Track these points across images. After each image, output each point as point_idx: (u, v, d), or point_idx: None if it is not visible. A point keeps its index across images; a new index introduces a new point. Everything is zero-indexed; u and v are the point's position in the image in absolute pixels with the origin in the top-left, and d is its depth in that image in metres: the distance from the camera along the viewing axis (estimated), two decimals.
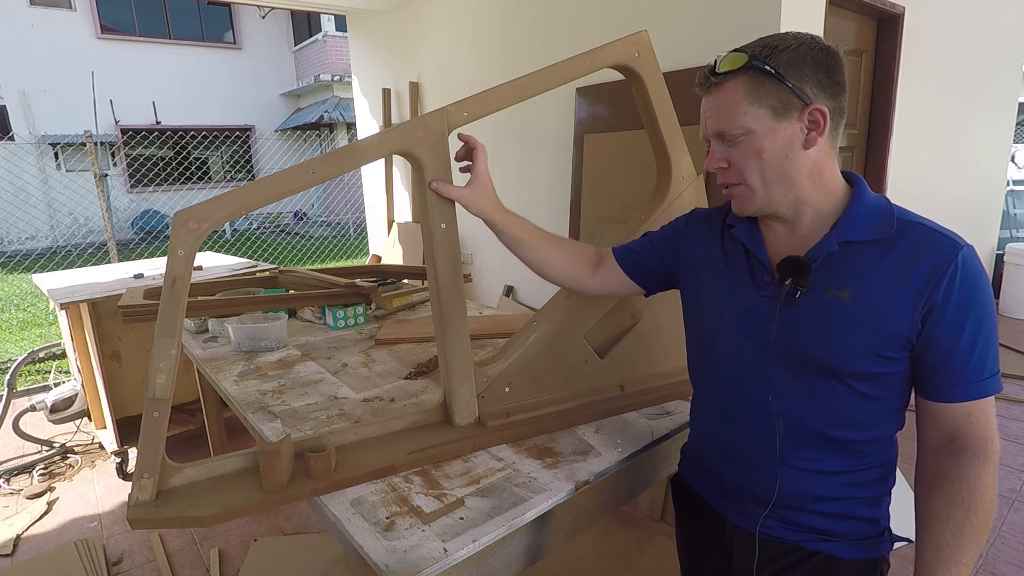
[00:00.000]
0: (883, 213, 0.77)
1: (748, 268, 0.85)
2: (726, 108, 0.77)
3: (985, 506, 0.74)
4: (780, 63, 0.75)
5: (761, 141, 0.76)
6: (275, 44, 13.63)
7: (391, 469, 0.99)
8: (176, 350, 0.86)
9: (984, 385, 0.73)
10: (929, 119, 3.47)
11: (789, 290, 0.78)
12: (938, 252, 0.72)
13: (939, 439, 0.77)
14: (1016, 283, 4.50)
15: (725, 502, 0.91)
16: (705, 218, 0.98)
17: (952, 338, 0.72)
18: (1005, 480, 2.37)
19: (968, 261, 0.72)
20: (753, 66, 0.75)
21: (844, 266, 0.76)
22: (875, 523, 0.83)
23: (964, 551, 0.73)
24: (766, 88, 0.75)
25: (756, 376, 0.83)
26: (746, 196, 0.80)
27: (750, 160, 0.77)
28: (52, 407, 2.77)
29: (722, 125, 0.78)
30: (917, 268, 0.72)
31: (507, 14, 3.46)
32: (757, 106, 0.75)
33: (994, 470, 0.75)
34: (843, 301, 0.75)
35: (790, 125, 0.75)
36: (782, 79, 0.74)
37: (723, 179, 0.82)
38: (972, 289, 0.71)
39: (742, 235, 0.86)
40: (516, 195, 3.66)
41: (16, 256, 9.12)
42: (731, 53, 0.78)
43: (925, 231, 0.75)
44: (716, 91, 0.78)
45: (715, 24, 2.38)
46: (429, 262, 1.04)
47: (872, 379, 0.76)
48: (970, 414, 0.74)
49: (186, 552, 2.09)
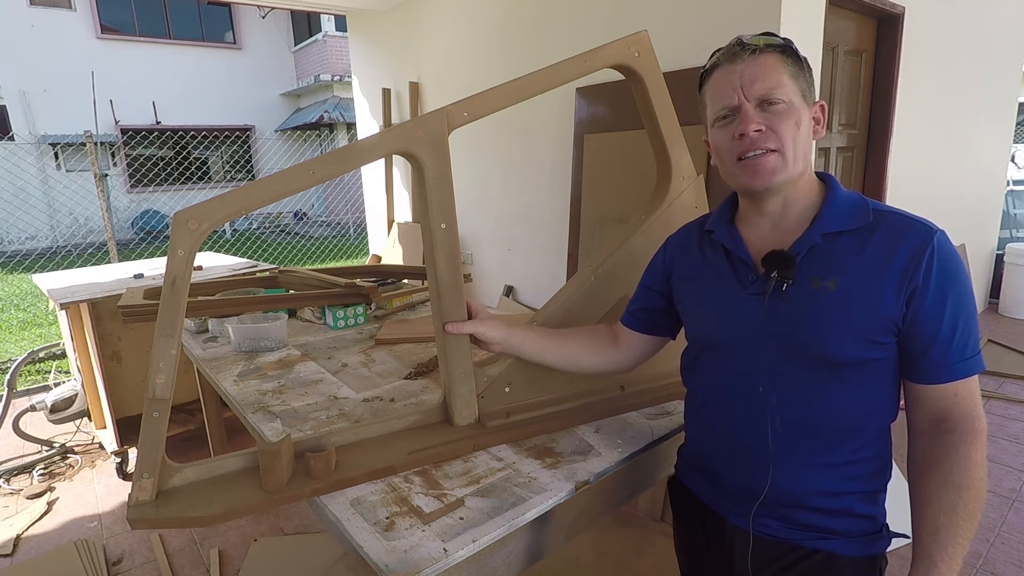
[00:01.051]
0: (858, 204, 0.81)
1: (732, 270, 0.87)
2: (771, 75, 0.78)
3: (976, 484, 0.75)
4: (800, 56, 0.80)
5: (799, 113, 0.79)
6: (275, 44, 13.63)
7: (391, 469, 0.99)
8: (176, 350, 0.86)
9: (968, 364, 0.76)
10: (929, 119, 3.47)
11: (775, 284, 0.80)
12: (915, 237, 0.75)
13: (928, 422, 0.79)
14: (1016, 283, 4.50)
15: (724, 503, 0.91)
16: (679, 237, 1.01)
17: (935, 319, 0.75)
18: (1005, 480, 2.37)
19: (942, 244, 0.75)
20: (790, 48, 0.80)
21: (827, 257, 0.79)
22: (873, 520, 0.84)
23: (959, 530, 0.75)
24: (800, 70, 0.80)
25: (750, 373, 0.84)
26: (778, 164, 0.79)
27: (790, 128, 0.78)
28: (52, 407, 2.77)
29: (769, 90, 0.78)
30: (897, 253, 0.75)
31: (507, 14, 3.46)
32: (795, 82, 0.79)
33: (982, 448, 0.76)
34: (830, 290, 0.77)
35: (808, 111, 0.81)
36: (806, 69, 0.81)
37: (758, 144, 0.79)
38: (949, 270, 0.74)
39: (722, 238, 0.88)
40: (516, 195, 3.66)
41: (16, 256, 9.13)
42: (761, 34, 0.81)
43: (900, 219, 0.78)
44: (758, 57, 0.79)
45: (715, 24, 2.38)
46: (429, 262, 1.04)
47: (863, 366, 0.78)
48: (956, 394, 0.77)
49: (186, 552, 2.09)
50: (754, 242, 0.86)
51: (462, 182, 3.83)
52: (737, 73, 0.79)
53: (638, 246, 1.20)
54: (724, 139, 0.82)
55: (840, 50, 2.82)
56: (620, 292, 1.21)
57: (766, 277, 0.81)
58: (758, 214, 0.85)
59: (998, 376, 3.40)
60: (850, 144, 3.08)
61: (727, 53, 0.81)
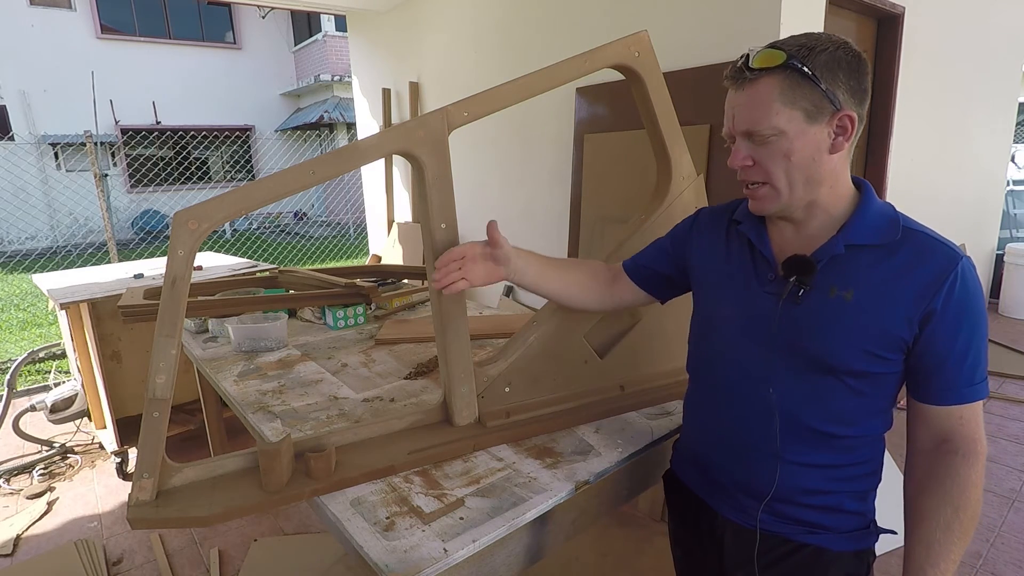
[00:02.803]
0: (889, 219, 0.79)
1: (752, 264, 0.87)
2: (758, 107, 0.75)
3: (973, 505, 0.77)
4: (817, 65, 0.73)
5: (791, 143, 0.75)
6: (275, 44, 13.63)
7: (391, 469, 0.99)
8: (176, 350, 0.86)
9: (975, 390, 0.76)
10: (929, 119, 3.47)
11: (793, 287, 0.79)
12: (939, 261, 0.74)
13: (931, 441, 0.80)
14: (1016, 283, 4.51)
15: (717, 496, 0.92)
16: (711, 216, 0.99)
17: (948, 344, 0.75)
18: (1005, 480, 2.37)
19: (967, 272, 0.74)
20: (790, 65, 0.74)
21: (848, 268, 0.78)
22: (862, 516, 0.86)
23: (952, 547, 0.77)
24: (801, 90, 0.74)
25: (757, 370, 0.84)
26: (769, 197, 0.80)
27: (778, 161, 0.77)
28: (52, 407, 2.77)
29: (752, 124, 0.76)
30: (918, 274, 0.74)
31: (507, 14, 3.46)
32: (790, 107, 0.74)
33: (981, 470, 0.78)
34: (846, 301, 0.77)
35: (820, 129, 0.75)
36: (817, 82, 0.73)
37: (746, 177, 0.81)
38: (969, 299, 0.74)
39: (749, 232, 0.87)
40: (516, 195, 3.66)
41: (16, 256, 9.12)
42: (767, 49, 0.76)
43: (927, 240, 0.77)
44: (749, 87, 0.76)
45: (715, 24, 2.38)
46: (429, 262, 1.04)
47: (866, 377, 0.78)
48: (961, 417, 0.77)
49: (186, 552, 2.09)
50: (778, 241, 0.85)
51: (462, 182, 3.82)
52: (732, 103, 0.79)
53: (638, 246, 1.20)
54: None
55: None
56: None
57: (784, 280, 0.80)
58: (781, 219, 0.85)
59: (998, 376, 3.40)
60: None
61: (730, 75, 0.79)
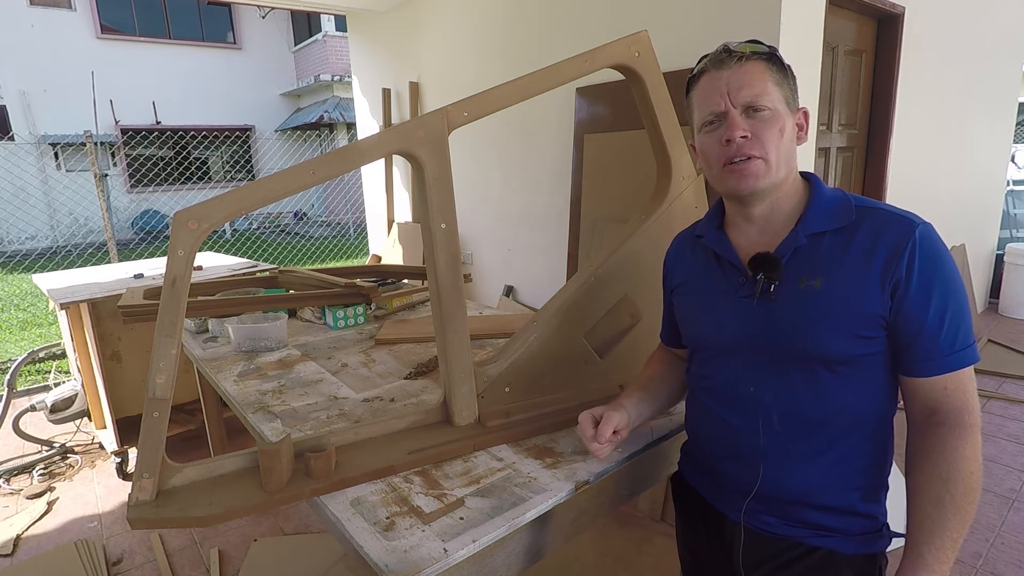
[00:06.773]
0: (842, 203, 0.82)
1: (723, 273, 0.89)
2: (756, 83, 0.80)
3: (965, 478, 0.75)
4: (785, 64, 0.83)
5: (783, 120, 0.81)
6: (275, 44, 13.63)
7: (391, 469, 0.99)
8: (176, 350, 0.86)
9: (957, 357, 0.76)
10: (929, 119, 3.47)
11: (763, 285, 0.81)
12: (897, 231, 0.76)
13: (920, 414, 0.80)
14: (1016, 283, 4.50)
15: (725, 500, 0.92)
16: (679, 241, 1.03)
17: (920, 312, 0.75)
18: (1005, 480, 2.37)
19: (926, 236, 0.75)
20: (775, 56, 0.82)
21: (813, 257, 0.80)
22: (873, 519, 0.85)
23: (947, 524, 0.75)
24: (784, 78, 0.82)
25: (747, 374, 0.85)
26: (761, 171, 0.81)
27: (774, 135, 0.80)
28: (52, 407, 2.77)
29: (755, 97, 0.80)
30: (879, 248, 0.76)
31: (507, 14, 3.46)
32: (779, 90, 0.81)
33: (974, 443, 0.76)
34: (816, 289, 0.78)
35: (792, 118, 0.83)
36: (790, 76, 0.83)
37: (743, 150, 0.80)
38: (933, 263, 0.75)
39: (712, 243, 0.91)
40: (516, 195, 3.66)
41: (16, 256, 9.13)
42: (747, 42, 0.82)
43: (884, 214, 0.79)
44: (745, 64, 0.81)
45: (715, 24, 2.38)
46: (429, 262, 1.04)
47: (854, 362, 0.79)
48: (945, 387, 0.77)
49: (186, 552, 2.09)
50: (743, 246, 0.87)
51: (462, 182, 3.83)
52: (724, 80, 0.81)
53: (638, 246, 1.20)
54: (711, 144, 0.84)
55: (840, 50, 2.82)
56: (620, 292, 1.21)
57: (754, 279, 0.82)
58: (745, 219, 0.87)
59: (998, 376, 3.40)
60: (850, 144, 3.08)
61: (714, 59, 0.83)
